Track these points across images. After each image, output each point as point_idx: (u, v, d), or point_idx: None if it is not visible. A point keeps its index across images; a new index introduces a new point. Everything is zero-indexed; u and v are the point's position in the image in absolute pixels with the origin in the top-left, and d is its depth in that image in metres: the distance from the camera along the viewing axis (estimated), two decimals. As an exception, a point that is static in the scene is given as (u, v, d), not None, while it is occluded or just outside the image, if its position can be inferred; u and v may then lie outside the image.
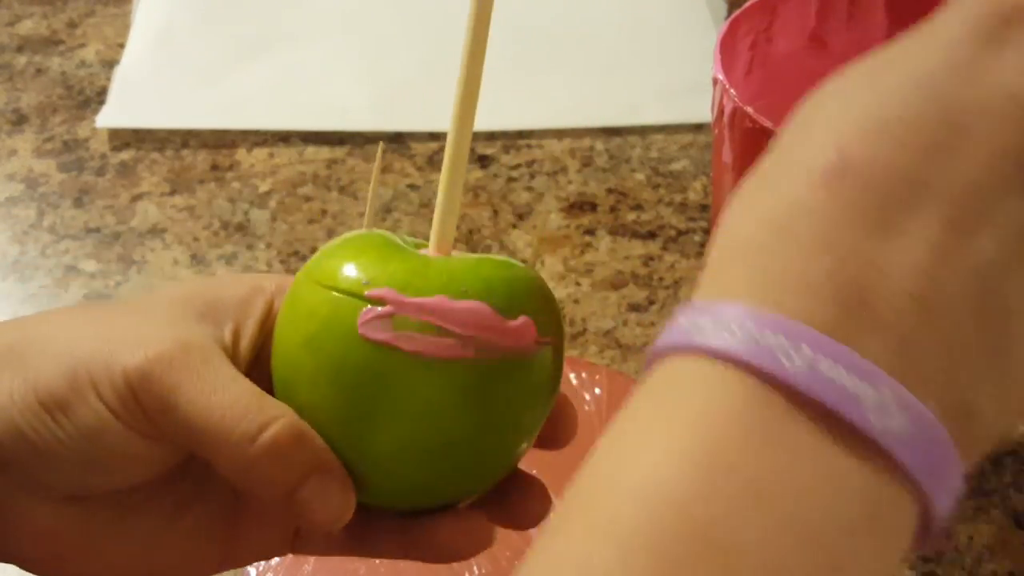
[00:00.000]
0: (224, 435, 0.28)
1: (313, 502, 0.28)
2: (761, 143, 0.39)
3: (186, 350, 0.29)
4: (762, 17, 0.44)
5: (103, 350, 0.28)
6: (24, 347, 0.29)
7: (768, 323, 0.21)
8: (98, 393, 0.28)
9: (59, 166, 0.66)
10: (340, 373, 0.29)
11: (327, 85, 0.70)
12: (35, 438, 0.28)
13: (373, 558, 0.32)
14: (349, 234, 0.31)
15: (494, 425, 0.30)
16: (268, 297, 0.32)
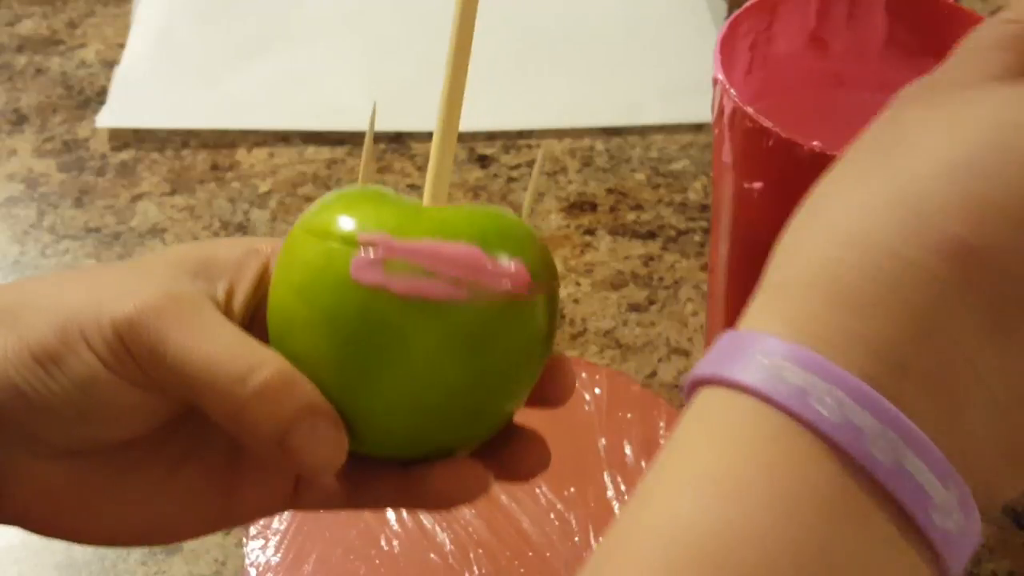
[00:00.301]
0: (214, 379, 0.28)
1: (305, 446, 0.28)
2: (761, 143, 0.39)
3: (175, 299, 0.29)
4: (762, 17, 0.44)
5: (92, 303, 0.29)
6: (18, 307, 0.29)
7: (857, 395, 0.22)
8: (88, 344, 0.28)
9: (59, 166, 0.66)
10: (334, 320, 0.29)
11: (327, 85, 0.70)
12: (30, 392, 0.28)
13: (371, 509, 0.32)
14: (343, 189, 0.31)
15: (488, 370, 0.29)
16: (264, 258, 0.32)
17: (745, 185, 0.41)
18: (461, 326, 0.29)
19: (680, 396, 0.53)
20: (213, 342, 0.28)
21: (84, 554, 0.47)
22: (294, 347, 0.29)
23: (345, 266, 0.28)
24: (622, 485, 0.48)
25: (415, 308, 0.28)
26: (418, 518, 0.47)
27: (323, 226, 0.29)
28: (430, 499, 0.31)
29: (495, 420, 0.31)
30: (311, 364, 0.29)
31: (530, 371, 0.31)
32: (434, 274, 0.28)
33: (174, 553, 0.47)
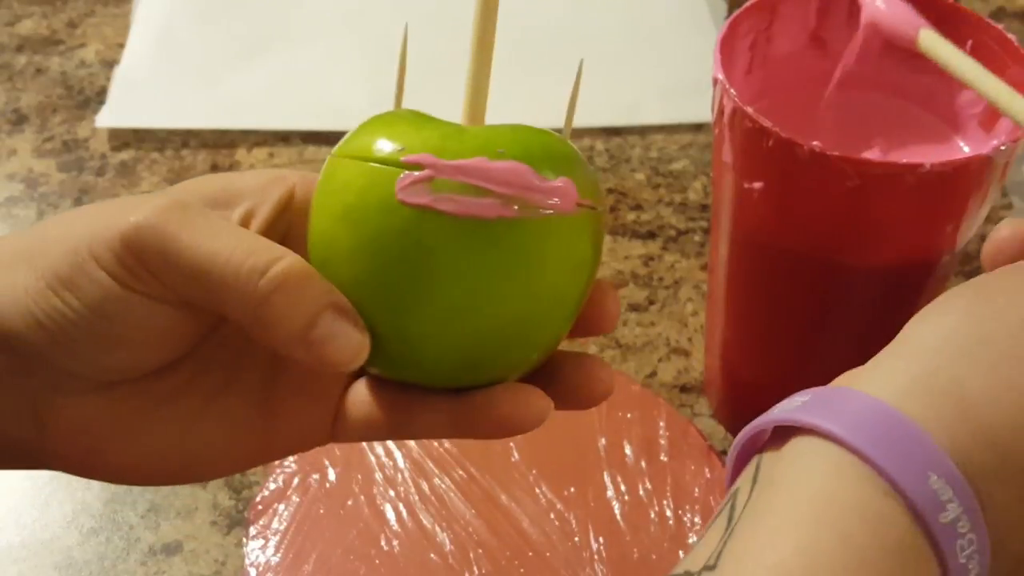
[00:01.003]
0: (232, 273, 0.27)
1: (328, 340, 0.28)
2: (761, 143, 0.39)
3: (181, 205, 0.28)
4: (762, 17, 0.44)
5: (100, 223, 0.28)
6: (35, 243, 0.29)
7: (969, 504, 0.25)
8: (98, 262, 0.28)
9: (59, 166, 0.66)
10: (380, 243, 0.28)
11: (327, 85, 0.70)
12: (50, 324, 0.28)
13: (420, 438, 0.31)
14: (379, 113, 0.31)
15: (539, 290, 0.29)
16: (288, 185, 0.31)
17: (745, 185, 0.41)
18: (512, 244, 0.28)
19: (680, 396, 0.53)
20: (227, 238, 0.28)
21: (84, 554, 0.47)
22: (337, 274, 0.29)
23: (390, 187, 0.28)
24: (622, 485, 0.48)
25: (464, 228, 0.28)
26: (418, 518, 0.47)
27: (363, 149, 0.29)
28: (488, 426, 0.30)
29: (545, 344, 0.30)
30: (356, 290, 0.28)
31: (579, 292, 0.30)
32: (482, 192, 0.28)
33: (174, 553, 0.47)
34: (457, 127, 0.30)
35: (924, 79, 0.45)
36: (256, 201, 0.31)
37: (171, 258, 0.27)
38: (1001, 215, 0.63)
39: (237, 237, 0.28)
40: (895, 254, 0.41)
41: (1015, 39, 0.42)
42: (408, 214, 0.28)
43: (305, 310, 0.28)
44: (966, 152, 0.43)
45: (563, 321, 0.30)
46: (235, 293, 0.27)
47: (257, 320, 0.28)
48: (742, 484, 0.27)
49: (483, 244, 0.28)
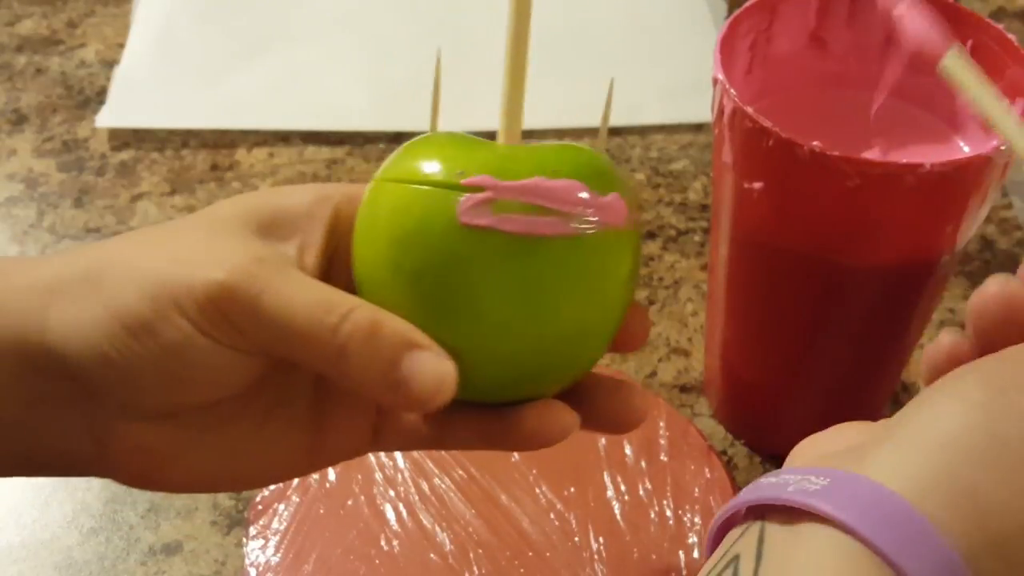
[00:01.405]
0: (312, 330, 0.28)
1: (412, 379, 0.28)
2: (761, 143, 0.39)
3: (261, 262, 0.29)
4: (762, 17, 0.44)
5: (181, 271, 0.29)
6: (99, 274, 0.30)
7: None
8: (181, 311, 0.29)
9: (59, 166, 0.66)
10: (441, 265, 0.29)
11: (327, 85, 0.70)
12: (122, 362, 0.29)
13: (454, 449, 0.33)
14: (417, 138, 0.31)
15: (593, 303, 0.30)
16: (333, 205, 0.32)
17: (745, 185, 0.41)
18: (570, 258, 0.29)
19: (680, 396, 0.53)
20: (304, 296, 0.29)
21: (84, 554, 0.47)
22: (391, 298, 0.29)
23: (451, 210, 0.28)
24: (622, 485, 0.48)
25: (526, 246, 0.28)
26: (418, 518, 0.47)
27: (414, 173, 0.29)
28: (519, 440, 0.31)
29: (591, 358, 0.31)
30: (412, 312, 0.29)
31: (623, 307, 0.31)
32: (542, 211, 0.28)
33: (174, 553, 0.47)
34: (507, 148, 0.30)
35: (924, 79, 0.45)
36: (306, 229, 0.32)
37: (255, 318, 0.29)
38: (1001, 215, 0.63)
39: (313, 294, 0.29)
40: (895, 254, 0.41)
41: (1015, 39, 0.42)
42: (470, 235, 0.28)
43: (381, 357, 0.29)
44: (966, 152, 0.43)
45: (608, 336, 0.31)
46: (314, 348, 0.29)
47: (340, 373, 0.29)
48: (744, 550, 0.27)
49: (544, 260, 0.29)
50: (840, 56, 0.46)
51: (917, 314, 0.44)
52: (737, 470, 0.51)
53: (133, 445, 0.31)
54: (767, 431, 0.51)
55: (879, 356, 0.46)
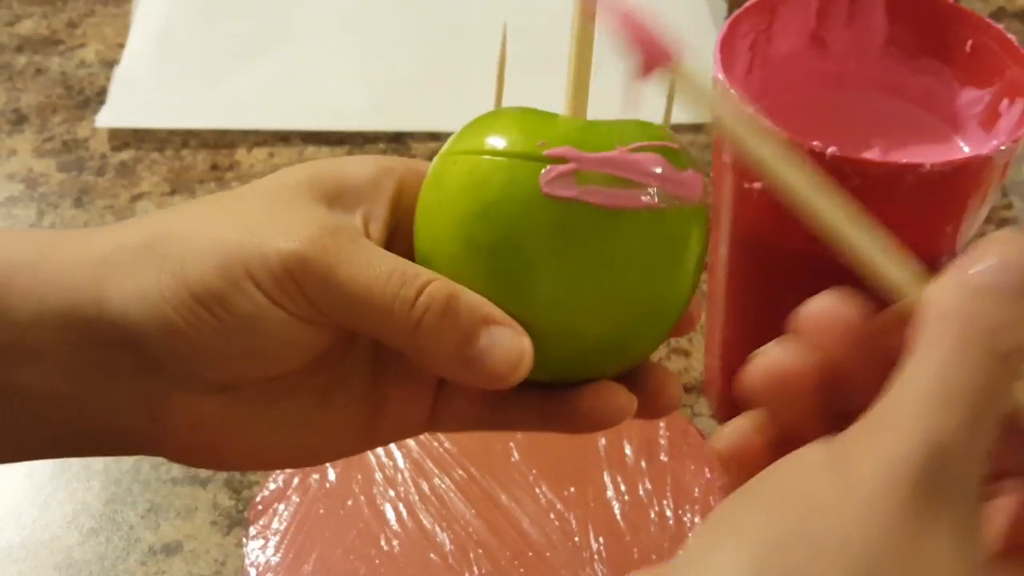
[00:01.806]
0: (388, 303, 0.28)
1: (488, 355, 0.28)
2: (761, 143, 0.39)
3: (335, 232, 0.29)
4: (762, 17, 0.44)
5: (252, 241, 0.28)
6: (163, 244, 0.29)
7: None
8: (255, 281, 0.28)
9: (59, 166, 0.66)
10: (522, 238, 0.28)
11: (327, 85, 0.70)
12: (193, 333, 0.28)
13: (509, 430, 0.32)
14: (484, 114, 0.31)
15: (671, 279, 0.29)
16: (398, 178, 0.32)
17: (745, 185, 0.41)
18: (654, 231, 0.28)
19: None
20: (379, 267, 0.28)
21: (83, 554, 0.47)
22: (463, 273, 0.29)
23: (534, 181, 0.28)
24: (622, 485, 0.48)
25: (612, 219, 0.28)
26: (418, 518, 0.47)
27: (487, 146, 0.29)
28: (576, 421, 0.31)
29: (662, 337, 0.31)
30: (488, 287, 0.29)
31: (695, 286, 0.30)
32: (627, 184, 0.28)
33: (174, 553, 0.47)
34: (585, 121, 0.30)
35: (924, 79, 0.45)
36: (371, 199, 0.31)
37: (330, 289, 0.28)
38: (1001, 215, 0.63)
39: (389, 266, 0.28)
40: (895, 254, 0.41)
41: (1015, 39, 0.42)
42: (554, 206, 0.28)
43: (457, 332, 0.28)
44: (966, 152, 0.43)
45: (677, 316, 0.31)
46: (391, 324, 0.28)
47: (414, 348, 0.29)
48: None
49: (630, 234, 0.28)
50: (840, 56, 0.46)
51: (917, 314, 0.44)
52: (737, 470, 0.51)
53: (191, 419, 0.30)
54: (767, 431, 0.51)
55: (879, 356, 0.46)
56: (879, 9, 0.45)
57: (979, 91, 0.43)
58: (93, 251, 0.30)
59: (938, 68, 0.44)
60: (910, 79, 0.45)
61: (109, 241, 0.30)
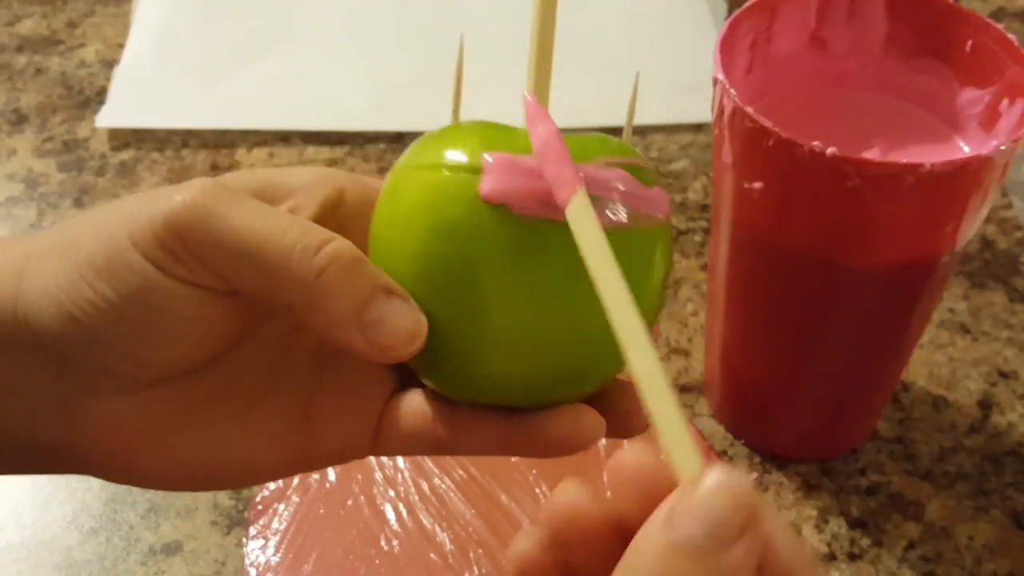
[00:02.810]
0: (285, 253, 0.26)
1: (383, 321, 0.27)
2: (761, 143, 0.39)
3: (226, 188, 0.27)
4: (762, 17, 0.44)
5: (141, 207, 0.27)
6: (72, 234, 0.28)
7: None
8: (137, 247, 0.27)
9: (59, 166, 0.66)
10: (486, 254, 0.27)
11: (327, 85, 0.70)
12: (83, 317, 0.27)
13: (468, 454, 0.30)
14: (442, 128, 0.30)
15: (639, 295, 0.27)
16: (337, 185, 0.30)
17: (745, 185, 0.41)
18: (623, 252, 0.27)
19: (680, 396, 0.53)
20: (278, 219, 0.27)
21: (84, 554, 0.47)
22: (419, 291, 0.28)
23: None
24: (622, 485, 0.48)
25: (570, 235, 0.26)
26: (418, 518, 0.47)
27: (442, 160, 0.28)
28: (543, 445, 0.29)
29: (614, 364, 0.29)
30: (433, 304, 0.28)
31: (660, 306, 0.29)
32: (596, 200, 0.27)
33: (174, 553, 0.47)
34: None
35: (924, 79, 0.45)
36: (302, 198, 0.30)
37: (220, 238, 0.26)
38: (1001, 215, 0.63)
39: (288, 219, 0.27)
40: (895, 254, 0.41)
41: (1015, 39, 0.42)
42: (516, 223, 0.27)
43: (358, 291, 0.27)
44: (966, 152, 0.43)
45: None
46: (287, 274, 0.26)
47: (310, 301, 0.27)
48: None
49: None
50: (840, 56, 0.46)
51: (917, 314, 0.44)
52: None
53: (107, 425, 0.28)
54: (767, 431, 0.51)
55: (879, 356, 0.46)
56: (879, 9, 0.45)
57: (979, 91, 0.43)
58: (11, 254, 0.28)
59: (938, 68, 0.44)
60: (910, 79, 0.45)
61: (28, 243, 0.29)
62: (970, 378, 0.54)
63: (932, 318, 0.53)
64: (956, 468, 0.51)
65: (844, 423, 0.50)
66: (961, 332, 0.57)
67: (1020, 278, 0.59)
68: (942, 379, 0.54)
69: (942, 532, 0.48)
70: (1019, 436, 0.52)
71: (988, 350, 0.56)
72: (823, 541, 0.48)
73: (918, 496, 0.50)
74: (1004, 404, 0.53)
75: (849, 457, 0.51)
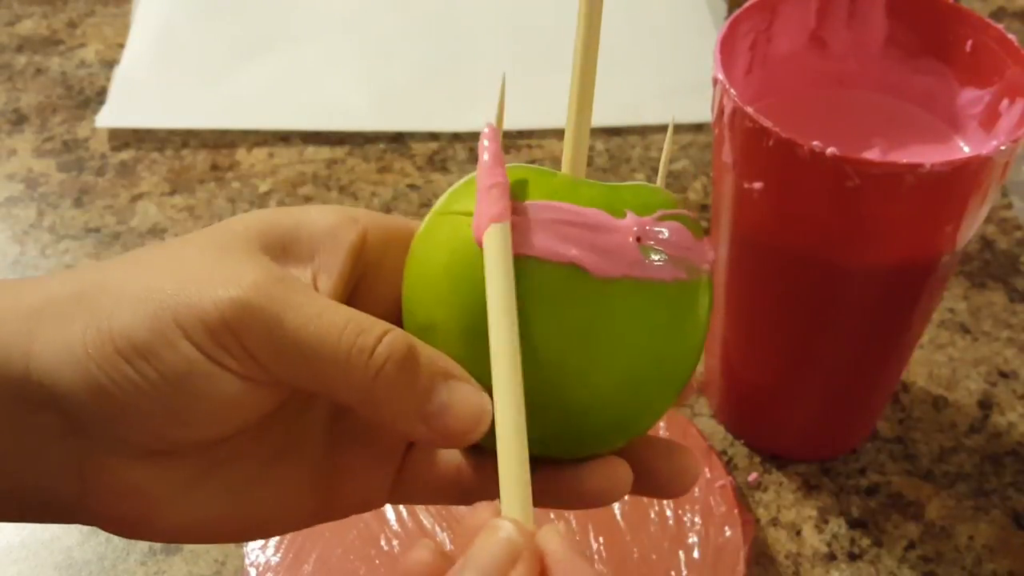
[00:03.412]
0: (343, 352, 0.26)
1: (447, 411, 0.26)
2: (761, 143, 0.39)
3: (281, 280, 0.27)
4: (762, 17, 0.44)
5: (186, 290, 0.26)
6: (95, 294, 0.27)
7: None
8: (186, 334, 0.26)
9: (59, 166, 0.66)
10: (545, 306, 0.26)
11: (327, 85, 0.70)
12: (116, 391, 0.26)
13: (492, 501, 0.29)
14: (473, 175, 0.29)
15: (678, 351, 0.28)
16: (360, 230, 0.29)
17: (745, 185, 0.41)
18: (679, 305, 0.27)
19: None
20: (332, 316, 0.26)
21: (84, 554, 0.47)
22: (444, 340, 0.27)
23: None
24: (622, 485, 0.48)
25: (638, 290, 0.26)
26: (418, 518, 0.47)
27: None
28: (577, 498, 0.29)
29: (663, 411, 0.29)
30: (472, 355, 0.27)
31: (699, 357, 0.29)
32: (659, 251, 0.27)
33: (174, 553, 0.47)
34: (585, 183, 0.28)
35: (924, 79, 0.45)
36: (330, 250, 0.29)
37: (276, 340, 0.26)
38: (1001, 215, 0.63)
39: (344, 316, 0.26)
40: (895, 254, 0.41)
41: (1015, 39, 0.42)
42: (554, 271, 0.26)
43: (418, 385, 0.26)
44: (966, 152, 0.43)
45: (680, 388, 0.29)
46: (344, 375, 0.26)
47: (371, 401, 0.26)
48: None
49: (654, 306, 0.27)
50: (840, 56, 0.46)
51: (917, 314, 0.44)
52: (737, 470, 0.51)
53: (124, 486, 0.27)
54: (767, 431, 0.51)
55: (879, 356, 0.46)
56: (879, 9, 0.45)
57: (979, 91, 0.43)
58: (23, 303, 0.27)
59: (938, 68, 0.44)
60: (910, 79, 0.45)
61: (40, 292, 0.28)
62: (970, 378, 0.54)
63: (932, 318, 0.53)
64: (956, 468, 0.51)
65: (844, 423, 0.50)
66: (961, 332, 0.57)
67: (1020, 278, 0.59)
68: (942, 379, 0.54)
69: (942, 532, 0.48)
70: (1019, 436, 0.52)
71: (988, 350, 0.56)
72: (823, 541, 0.48)
73: (918, 496, 0.50)
74: (1004, 404, 0.53)
75: (849, 457, 0.51)
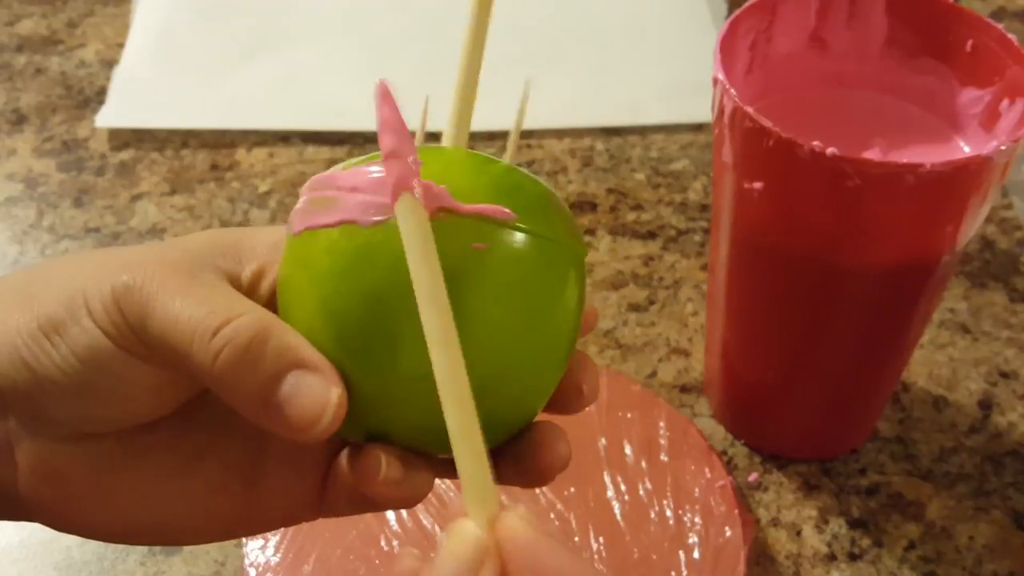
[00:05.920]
0: (189, 335, 0.26)
1: (290, 401, 0.26)
2: (761, 143, 0.39)
3: (171, 265, 0.28)
4: (762, 17, 0.44)
5: (100, 274, 0.28)
6: (36, 285, 0.29)
7: None
8: (89, 311, 0.27)
9: (59, 166, 0.66)
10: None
11: (327, 85, 0.70)
12: (35, 365, 0.28)
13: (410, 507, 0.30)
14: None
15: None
16: None
17: (745, 185, 0.41)
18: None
19: (680, 396, 0.53)
20: (197, 303, 0.27)
21: (83, 554, 0.47)
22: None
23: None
24: (622, 485, 0.48)
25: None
26: (418, 518, 0.47)
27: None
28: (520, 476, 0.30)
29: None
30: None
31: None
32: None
33: (173, 554, 0.47)
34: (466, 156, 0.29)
35: (924, 79, 0.45)
36: (267, 260, 0.29)
37: (148, 321, 0.27)
38: (1001, 215, 0.63)
39: (205, 297, 0.27)
40: (895, 254, 0.41)
41: (1015, 39, 0.42)
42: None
43: (261, 372, 0.26)
44: (966, 152, 0.43)
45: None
46: (192, 355, 0.26)
47: (215, 383, 0.27)
48: None
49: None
50: (840, 56, 0.46)
51: (917, 314, 0.44)
52: (737, 470, 0.51)
53: (46, 468, 0.29)
54: (767, 431, 0.51)
55: (879, 356, 0.46)
56: (879, 9, 0.45)
57: (979, 91, 0.43)
58: None
59: (938, 68, 0.44)
60: (910, 79, 0.45)
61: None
62: (970, 378, 0.54)
63: (932, 318, 0.53)
64: (956, 468, 0.51)
65: (844, 423, 0.50)
66: (961, 332, 0.57)
67: (1020, 278, 0.59)
68: (942, 379, 0.54)
69: (942, 532, 0.48)
70: (1019, 436, 0.52)
71: (988, 350, 0.56)
72: (823, 541, 0.48)
73: (918, 496, 0.50)
74: (1004, 404, 0.53)
75: (849, 457, 0.51)
